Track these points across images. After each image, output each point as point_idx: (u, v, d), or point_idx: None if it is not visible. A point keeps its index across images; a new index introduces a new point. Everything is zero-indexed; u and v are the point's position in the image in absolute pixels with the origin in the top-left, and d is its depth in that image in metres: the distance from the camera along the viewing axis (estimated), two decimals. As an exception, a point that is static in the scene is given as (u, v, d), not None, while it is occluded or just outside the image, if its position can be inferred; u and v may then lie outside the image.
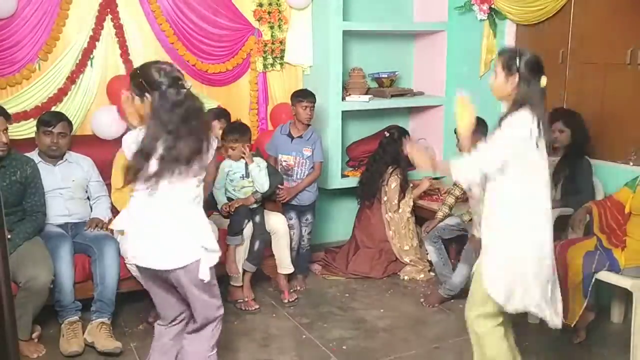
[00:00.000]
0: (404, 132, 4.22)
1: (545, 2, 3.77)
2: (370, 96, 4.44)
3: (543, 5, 3.79)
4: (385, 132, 4.29)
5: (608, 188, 3.46)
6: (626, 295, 3.15)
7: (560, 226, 3.39)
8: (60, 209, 3.37)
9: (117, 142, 3.71)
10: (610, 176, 3.48)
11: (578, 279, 2.99)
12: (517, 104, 2.31)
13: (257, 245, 3.56)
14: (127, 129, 3.75)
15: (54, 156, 3.41)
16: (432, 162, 2.48)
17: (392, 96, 4.53)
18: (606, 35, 3.57)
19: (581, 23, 3.72)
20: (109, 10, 3.81)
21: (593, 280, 2.98)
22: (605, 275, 2.99)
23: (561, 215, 3.38)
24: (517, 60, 2.33)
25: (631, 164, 3.47)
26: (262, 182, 3.60)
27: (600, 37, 3.60)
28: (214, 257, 2.31)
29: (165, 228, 2.24)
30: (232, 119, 4.26)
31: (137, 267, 2.38)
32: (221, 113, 3.83)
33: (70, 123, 3.47)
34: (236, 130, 3.61)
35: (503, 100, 2.39)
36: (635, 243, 3.00)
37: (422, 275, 4.11)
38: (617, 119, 3.56)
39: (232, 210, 3.57)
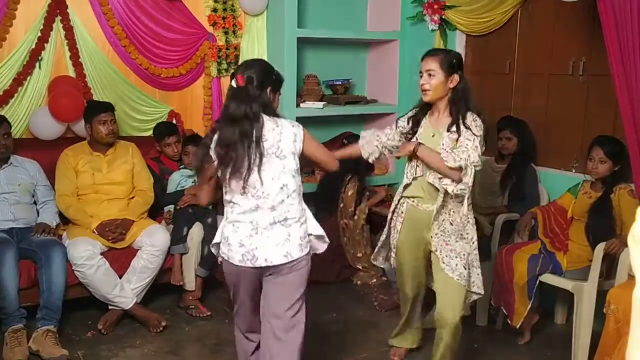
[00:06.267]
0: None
1: (493, 14, 3.90)
2: (324, 103, 4.47)
3: (491, 17, 3.92)
4: (344, 140, 4.33)
5: (552, 194, 3.58)
6: (569, 297, 3.26)
7: (507, 231, 3.51)
8: (6, 214, 3.27)
9: (58, 143, 3.65)
10: (554, 183, 3.60)
11: (523, 281, 3.09)
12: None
13: (207, 249, 3.53)
14: (68, 129, 3.69)
15: (1, 159, 3.31)
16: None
17: (346, 103, 4.58)
18: (550, 47, 3.71)
19: (527, 35, 3.85)
20: (58, 11, 3.72)
21: (537, 283, 3.08)
22: (548, 278, 3.10)
23: (508, 220, 3.49)
24: (454, 59, 2.64)
25: (573, 170, 3.60)
26: None
27: (545, 49, 3.74)
28: None
29: None
30: (186, 124, 4.27)
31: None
32: (173, 128, 3.90)
33: (10, 123, 3.38)
34: (193, 141, 3.73)
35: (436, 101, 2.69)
36: (576, 247, 3.13)
37: (374, 280, 4.15)
38: (561, 128, 3.69)
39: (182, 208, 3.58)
